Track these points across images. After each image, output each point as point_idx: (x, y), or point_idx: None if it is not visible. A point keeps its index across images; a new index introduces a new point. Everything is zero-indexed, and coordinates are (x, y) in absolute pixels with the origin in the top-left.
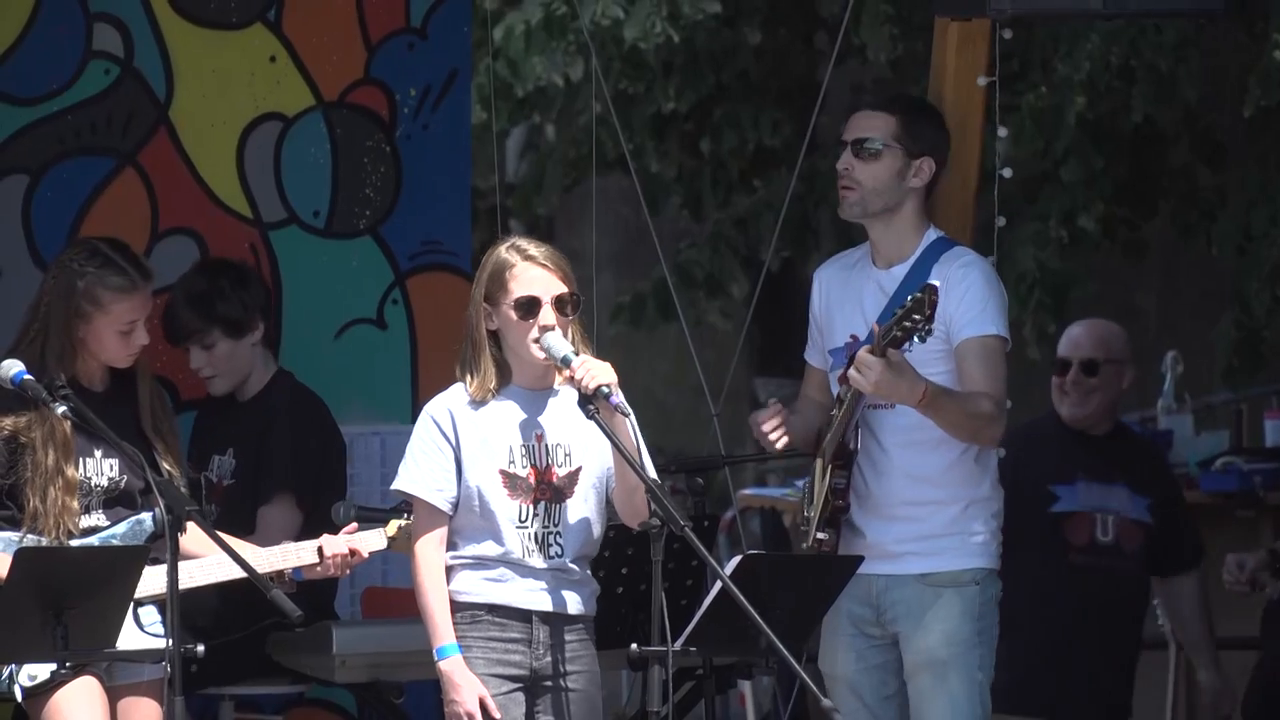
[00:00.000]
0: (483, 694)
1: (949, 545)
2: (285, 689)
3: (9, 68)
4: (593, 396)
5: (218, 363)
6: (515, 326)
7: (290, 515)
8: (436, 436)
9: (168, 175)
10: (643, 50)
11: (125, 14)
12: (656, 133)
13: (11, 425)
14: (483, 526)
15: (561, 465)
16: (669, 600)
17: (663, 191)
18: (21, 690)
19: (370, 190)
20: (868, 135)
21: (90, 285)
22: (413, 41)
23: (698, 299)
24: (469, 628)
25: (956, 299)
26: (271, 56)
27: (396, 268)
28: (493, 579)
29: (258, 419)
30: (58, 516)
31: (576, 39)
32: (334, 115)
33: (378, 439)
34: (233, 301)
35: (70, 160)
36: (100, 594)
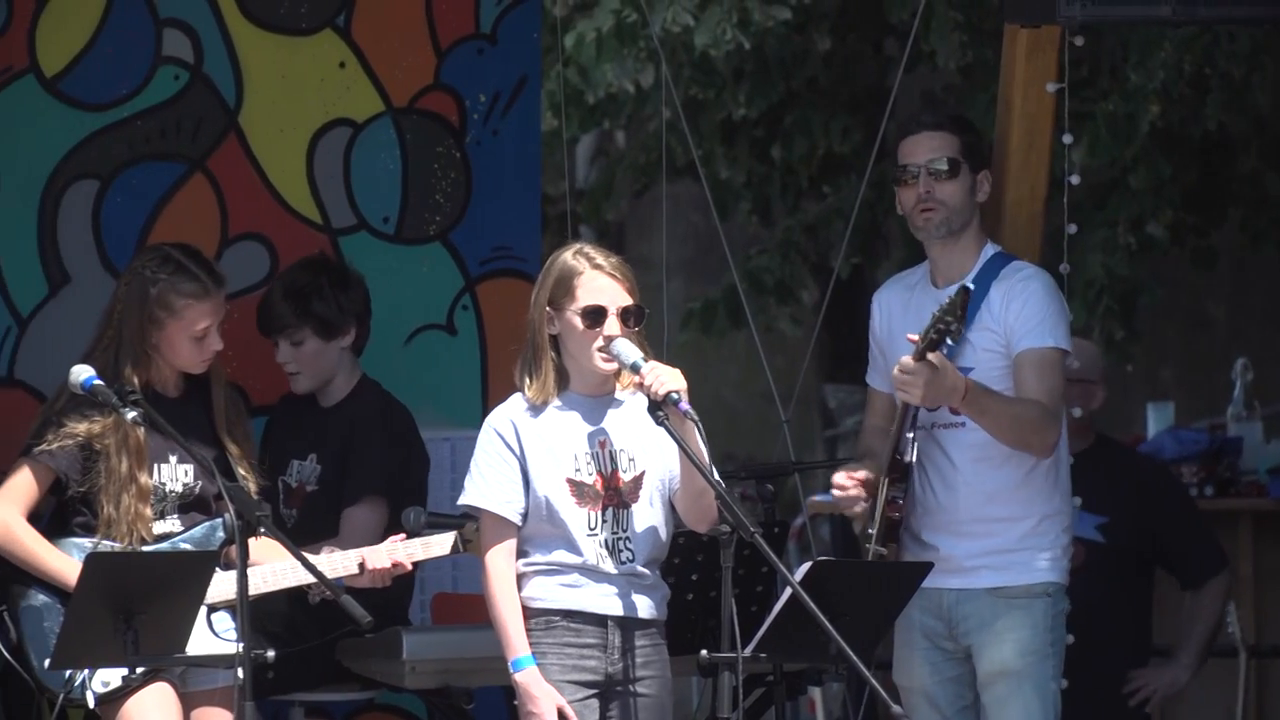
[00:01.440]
0: (561, 703)
1: (1020, 560)
2: (355, 695)
3: (78, 73)
4: (662, 402)
5: (303, 361)
6: (579, 334)
7: (377, 518)
8: (501, 448)
9: (237, 181)
10: (713, 57)
11: (195, 19)
12: (726, 139)
13: (85, 432)
14: (554, 534)
15: (626, 471)
16: (739, 606)
17: (732, 198)
18: (94, 696)
19: (440, 196)
20: (941, 156)
21: (163, 292)
22: (482, 47)
23: (768, 305)
24: (544, 634)
25: (1016, 311)
26: (341, 62)
27: (466, 274)
28: (568, 585)
29: (343, 425)
30: (131, 523)
31: (647, 46)
32: (404, 121)
33: (448, 445)
34: (329, 302)
35: (140, 166)
36: (170, 599)
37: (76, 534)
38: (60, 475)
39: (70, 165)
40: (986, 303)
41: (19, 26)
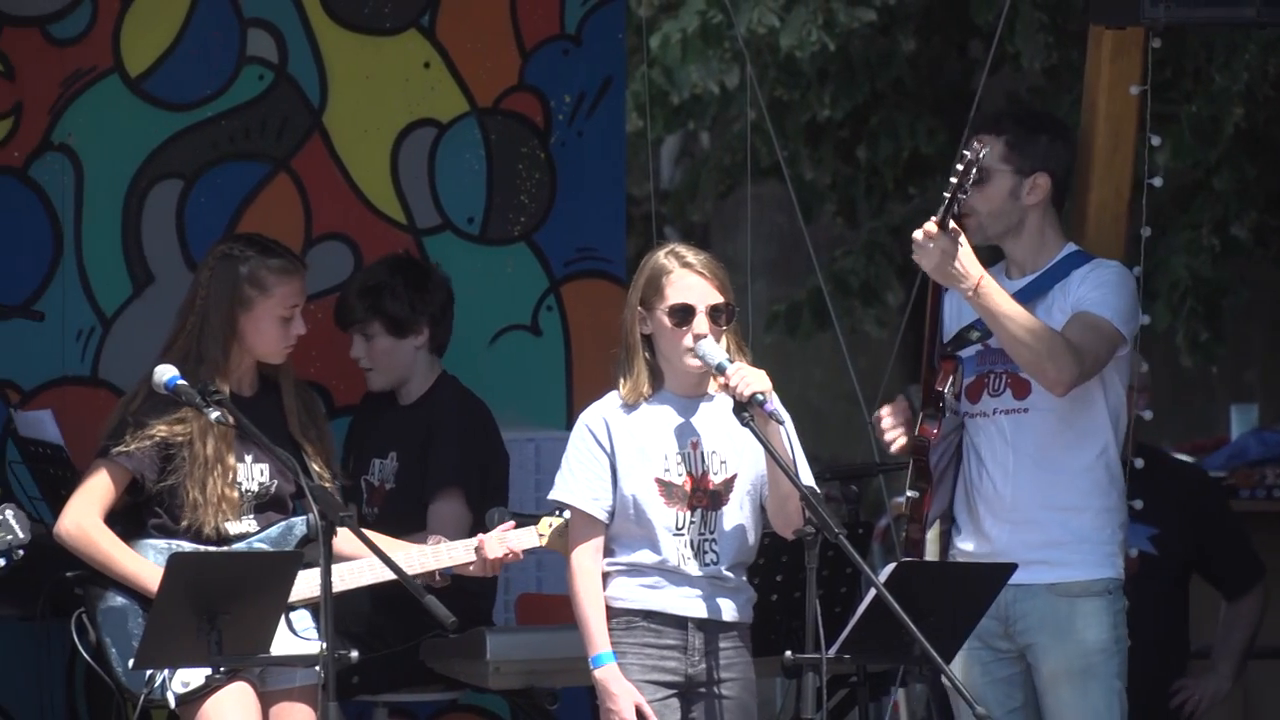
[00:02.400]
0: (639, 701)
1: (1078, 555)
2: (439, 695)
3: (163, 73)
4: (747, 404)
5: (375, 357)
6: (669, 333)
7: (461, 513)
8: (592, 445)
9: (321, 181)
10: (798, 58)
11: (279, 20)
12: (811, 140)
13: (165, 431)
14: (639, 534)
15: (717, 472)
16: (823, 607)
17: (817, 199)
18: (175, 697)
19: (525, 197)
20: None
21: (254, 270)
22: (567, 48)
23: (853, 307)
24: (624, 634)
25: (1089, 284)
26: (426, 62)
27: (551, 274)
28: (649, 585)
29: (422, 423)
30: (217, 506)
31: (732, 46)
32: (489, 121)
33: (532, 445)
34: (402, 300)
35: (224, 166)
36: (254, 599)
37: (152, 535)
38: (137, 476)
39: (154, 165)
40: (1064, 285)
41: (104, 27)
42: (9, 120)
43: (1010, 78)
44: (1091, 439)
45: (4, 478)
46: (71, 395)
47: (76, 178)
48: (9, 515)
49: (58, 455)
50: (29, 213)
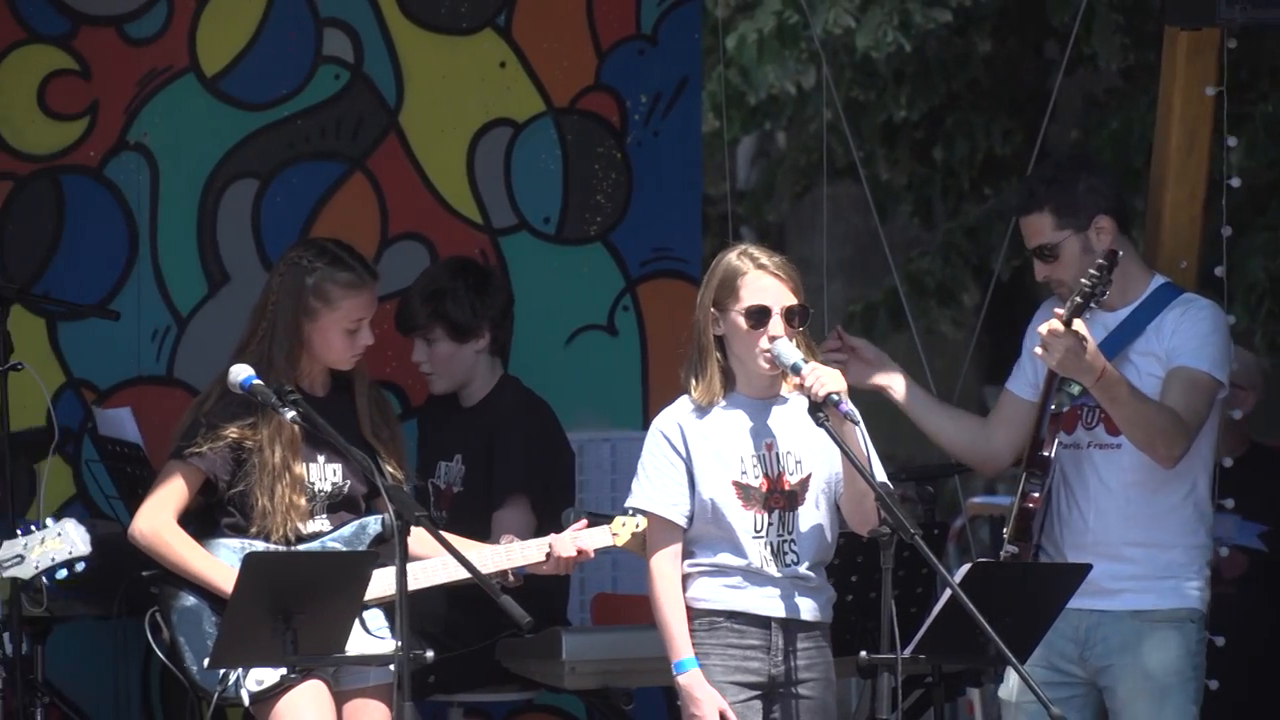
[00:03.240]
0: (722, 706)
1: (1167, 586)
2: (514, 695)
3: (239, 73)
4: (822, 404)
5: (437, 362)
6: (744, 335)
7: (525, 518)
8: (668, 451)
9: (397, 180)
10: (874, 58)
11: (355, 19)
12: (887, 141)
13: (237, 433)
14: (720, 536)
15: (793, 473)
16: (898, 608)
17: (893, 200)
18: (249, 695)
19: (601, 197)
20: (1039, 243)
21: (319, 282)
22: (643, 48)
23: (929, 308)
24: (707, 635)
25: (1182, 332)
26: (502, 62)
27: (627, 274)
28: (731, 586)
29: (485, 425)
30: (285, 514)
31: (808, 47)
32: (565, 121)
33: (608, 445)
34: (463, 304)
35: (299, 165)
36: (329, 599)
37: (225, 535)
38: (210, 476)
39: (230, 164)
40: (1157, 327)
41: (180, 26)
42: (85, 120)
43: (1086, 79)
44: (1181, 479)
45: (81, 476)
46: (147, 395)
47: (152, 177)
48: (69, 528)
49: (135, 454)
50: (105, 212)
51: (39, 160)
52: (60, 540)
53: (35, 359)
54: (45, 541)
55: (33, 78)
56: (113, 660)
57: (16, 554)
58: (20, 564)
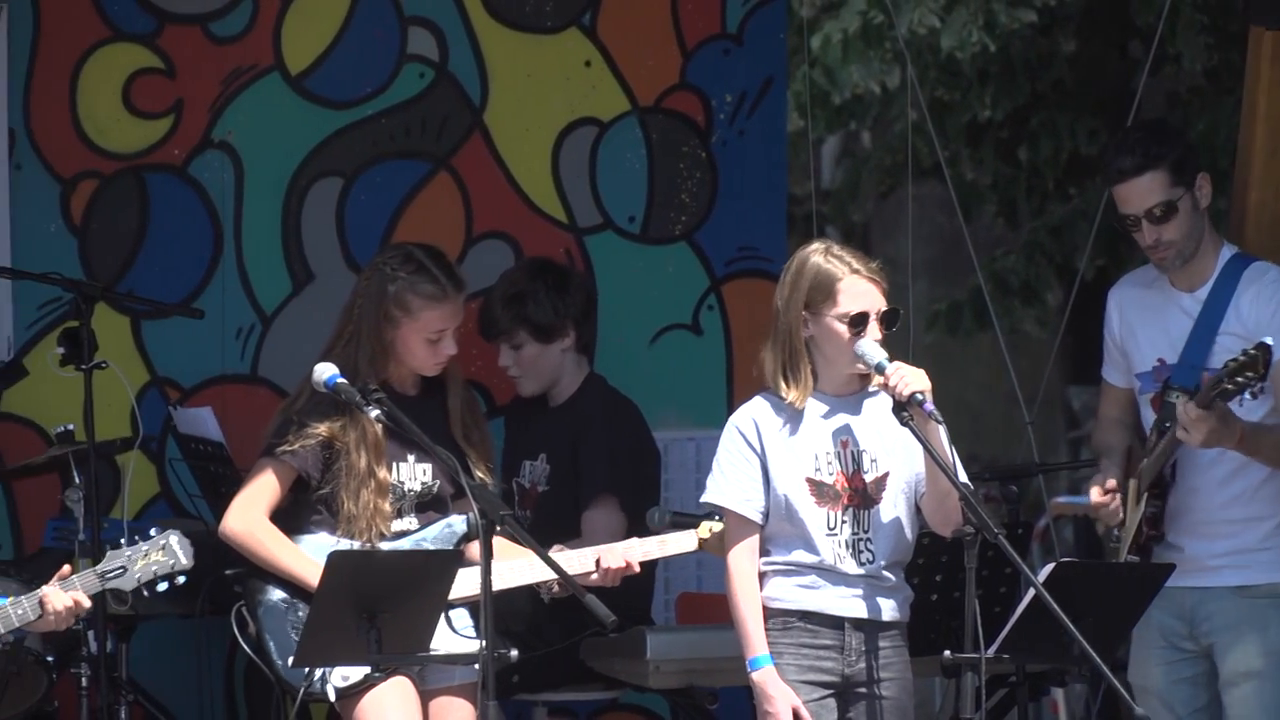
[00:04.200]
0: (796, 704)
1: (1265, 559)
2: (599, 695)
3: (324, 71)
4: (907, 403)
5: (524, 364)
6: (839, 339)
7: (615, 518)
8: (743, 447)
9: (482, 179)
10: (959, 58)
11: (440, 18)
12: (972, 140)
13: (327, 431)
14: (794, 534)
15: (869, 471)
16: (982, 607)
17: (977, 199)
18: (335, 691)
19: (686, 196)
20: (1154, 203)
21: (401, 291)
22: (728, 47)
23: (1013, 307)
24: (780, 634)
25: (1262, 303)
26: (587, 61)
27: (712, 274)
28: (805, 585)
29: (570, 424)
30: (369, 519)
31: (893, 47)
32: (650, 120)
33: (692, 445)
34: (545, 306)
35: (384, 164)
36: (414, 598)
37: (314, 532)
38: (302, 474)
39: (314, 163)
40: (1235, 306)
41: (264, 24)
42: (169, 118)
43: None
44: None
45: (164, 475)
46: (231, 393)
47: (237, 175)
48: (173, 540)
49: (218, 453)
50: (189, 210)
51: (124, 159)
52: (163, 553)
53: (119, 357)
54: (149, 554)
55: (118, 76)
56: (196, 658)
57: (119, 565)
58: (122, 575)
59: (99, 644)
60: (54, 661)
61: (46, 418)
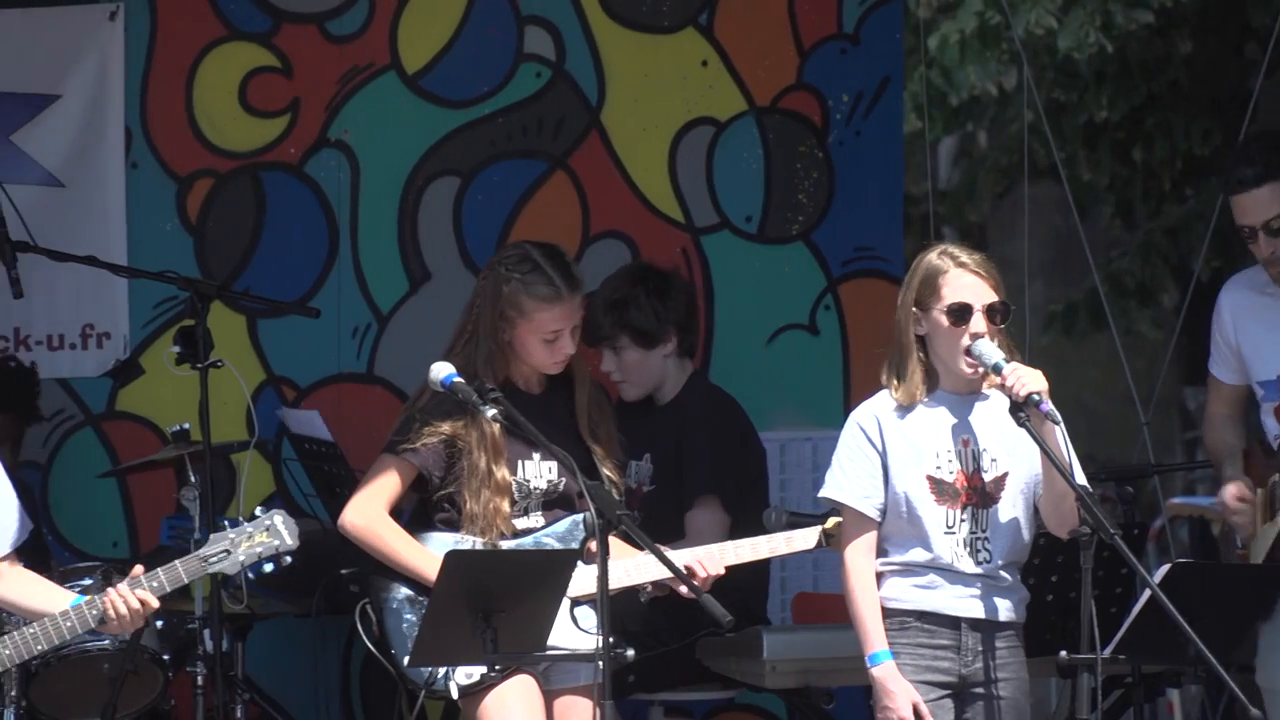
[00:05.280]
0: (916, 700)
1: None
2: (715, 694)
3: (440, 70)
4: (1023, 403)
5: (626, 369)
6: (945, 333)
7: (718, 518)
8: (863, 443)
9: (599, 179)
10: (1075, 59)
11: (557, 17)
12: (1088, 141)
13: (449, 430)
14: (911, 533)
15: (989, 471)
16: (1098, 608)
17: (1094, 200)
18: (458, 688)
19: (803, 196)
20: (1273, 214)
21: (515, 291)
22: (845, 48)
23: (1129, 308)
24: (897, 634)
25: None
26: (703, 61)
27: (829, 273)
28: (922, 585)
29: (673, 424)
30: (490, 518)
31: (1009, 48)
32: (767, 120)
33: (809, 444)
34: (646, 311)
35: (501, 163)
36: (530, 597)
37: (439, 529)
38: (423, 472)
39: (431, 162)
40: None
41: (381, 23)
42: (286, 117)
43: None
44: None
45: (280, 474)
46: (347, 392)
47: (353, 174)
48: (278, 521)
49: (332, 452)
50: (305, 209)
51: (240, 157)
52: (268, 534)
53: (235, 356)
54: (252, 536)
55: (234, 75)
56: (312, 657)
57: (223, 549)
58: (226, 558)
59: (215, 643)
60: (170, 660)
61: (162, 416)
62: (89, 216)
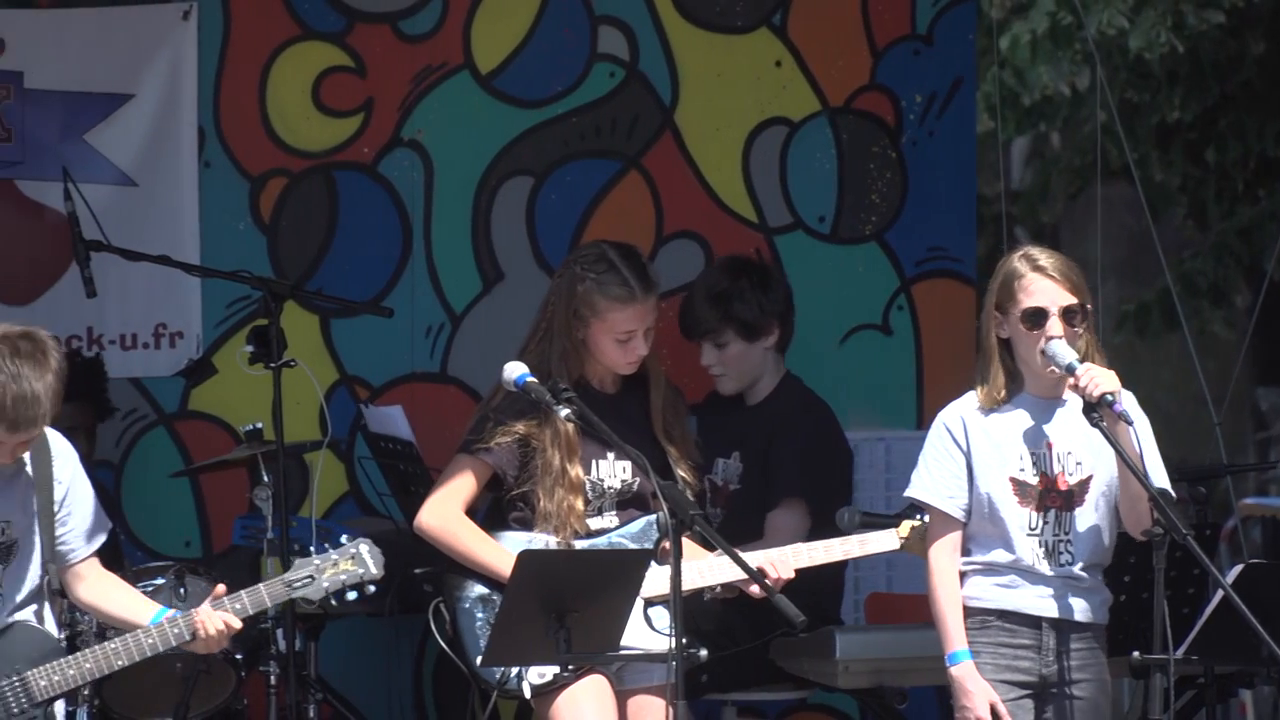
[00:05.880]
0: (994, 699)
1: None
2: (788, 694)
3: (514, 70)
4: (1096, 404)
5: (728, 362)
6: (1024, 336)
7: (799, 521)
8: (949, 444)
9: (673, 178)
10: (1147, 59)
11: (631, 17)
12: (1161, 142)
13: (523, 429)
14: (994, 533)
15: (1072, 473)
16: (1170, 608)
17: (1166, 201)
18: (530, 688)
19: (876, 196)
20: None
21: (589, 291)
22: (918, 48)
23: (1201, 308)
24: (978, 633)
25: None
26: (777, 61)
27: (902, 274)
28: (1003, 585)
29: (765, 424)
30: (563, 517)
31: (1082, 48)
32: (840, 120)
33: (883, 445)
34: (750, 304)
35: (574, 163)
36: (603, 597)
37: (513, 529)
38: (498, 471)
39: (504, 161)
40: None
41: (454, 23)
42: (359, 116)
43: None
44: None
45: (353, 473)
46: (420, 392)
47: (426, 174)
48: (364, 550)
49: (408, 451)
50: (378, 208)
51: (313, 157)
52: (353, 562)
53: (308, 355)
54: (338, 563)
55: (307, 74)
56: (385, 657)
57: (307, 574)
58: (310, 584)
59: (288, 643)
60: (243, 660)
61: (235, 416)
62: (162, 216)
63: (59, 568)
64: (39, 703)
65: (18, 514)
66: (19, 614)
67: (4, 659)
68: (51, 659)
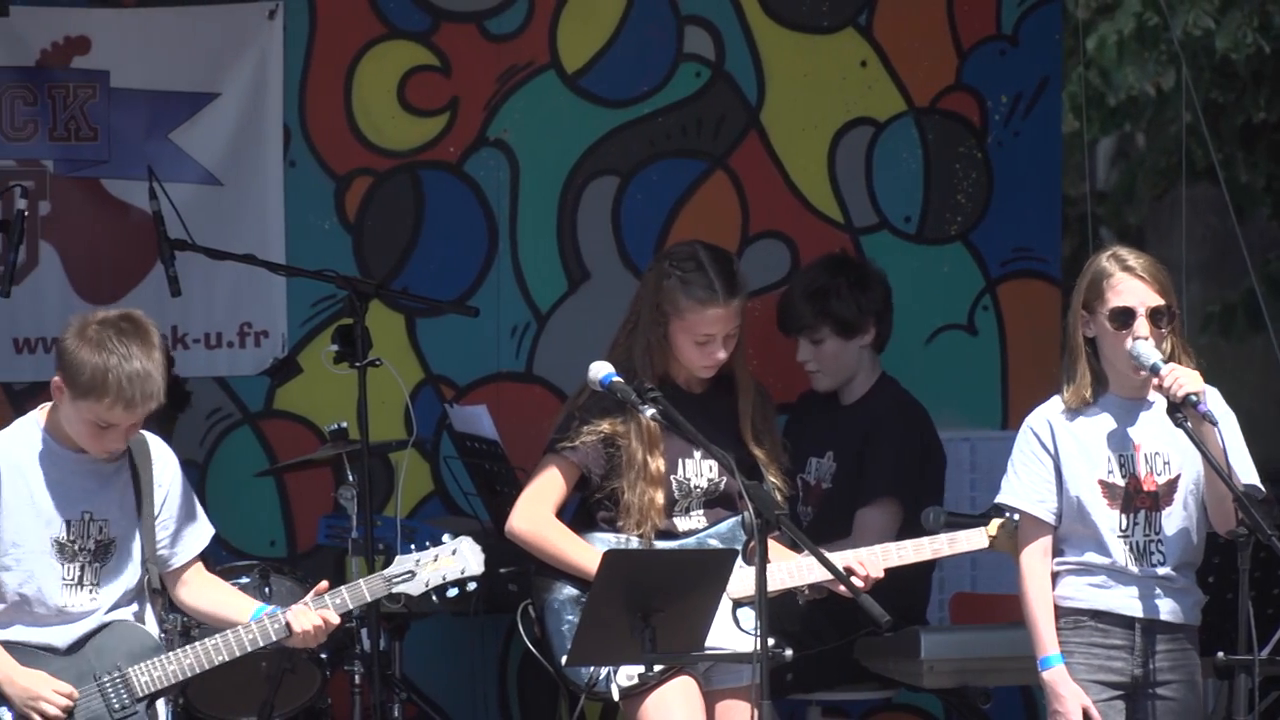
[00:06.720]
0: (1086, 703)
1: None
2: (872, 694)
3: (600, 70)
4: (1181, 404)
5: (824, 360)
6: (1110, 336)
7: (890, 520)
8: (1036, 448)
9: (759, 179)
10: (1233, 60)
11: (716, 17)
12: (1246, 142)
13: (608, 428)
14: (1086, 535)
15: (1160, 474)
16: (1256, 609)
17: (1251, 201)
18: (619, 689)
19: (961, 196)
20: None
21: (673, 288)
22: (1004, 48)
23: None
24: (1071, 633)
25: None
26: (862, 61)
27: (987, 274)
28: (1097, 585)
29: (862, 423)
30: (644, 510)
31: (1168, 49)
32: (925, 121)
33: (967, 445)
34: (848, 301)
35: (660, 163)
36: (688, 598)
37: (602, 528)
38: (584, 470)
39: (590, 161)
40: None
41: (540, 23)
42: (445, 115)
43: None
44: None
45: (438, 473)
46: (506, 391)
47: (512, 173)
48: (465, 547)
49: (493, 451)
50: (464, 208)
51: (398, 156)
52: (454, 559)
53: (394, 355)
54: (439, 559)
55: (393, 74)
56: (469, 657)
57: (408, 570)
58: (410, 580)
59: (372, 642)
60: (327, 659)
61: (320, 415)
62: (247, 215)
63: (161, 571)
64: (140, 698)
65: (115, 513)
66: (117, 612)
67: (104, 656)
68: (151, 656)
